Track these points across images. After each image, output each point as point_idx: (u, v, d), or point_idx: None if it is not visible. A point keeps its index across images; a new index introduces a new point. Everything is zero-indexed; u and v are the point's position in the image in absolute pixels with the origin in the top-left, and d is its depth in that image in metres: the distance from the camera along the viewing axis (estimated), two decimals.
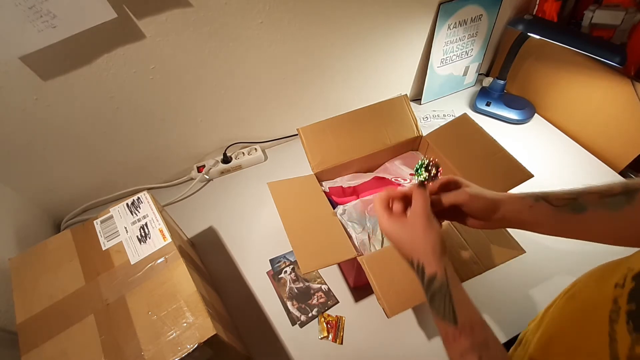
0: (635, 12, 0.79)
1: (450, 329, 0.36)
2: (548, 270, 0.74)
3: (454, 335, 0.36)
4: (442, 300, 0.37)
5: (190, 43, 0.71)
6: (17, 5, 0.53)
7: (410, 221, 0.42)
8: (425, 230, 0.40)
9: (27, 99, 0.65)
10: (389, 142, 0.76)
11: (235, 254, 0.81)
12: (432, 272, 0.39)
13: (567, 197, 0.40)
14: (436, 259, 0.39)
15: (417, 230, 0.41)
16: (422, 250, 0.40)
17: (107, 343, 0.47)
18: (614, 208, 0.37)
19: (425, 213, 0.41)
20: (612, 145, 0.94)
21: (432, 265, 0.39)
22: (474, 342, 0.34)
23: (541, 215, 0.42)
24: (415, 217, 0.42)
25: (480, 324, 0.36)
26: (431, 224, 0.41)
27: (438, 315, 0.38)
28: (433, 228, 0.41)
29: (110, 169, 0.85)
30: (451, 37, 1.01)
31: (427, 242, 0.40)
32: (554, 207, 0.41)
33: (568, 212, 0.40)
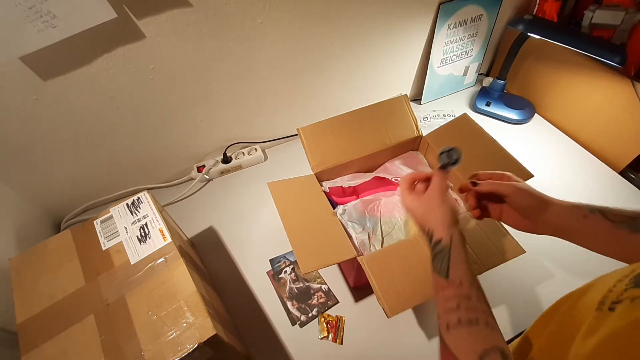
0: (635, 12, 0.79)
1: (441, 281, 0.41)
2: (548, 270, 0.74)
3: (443, 285, 0.40)
4: (441, 259, 0.42)
5: (190, 43, 0.71)
6: (17, 5, 0.53)
7: (427, 197, 0.47)
8: (438, 204, 0.45)
9: (27, 99, 0.65)
10: (389, 142, 0.76)
11: (235, 254, 0.81)
12: (439, 237, 0.43)
13: (626, 215, 0.40)
14: (444, 228, 0.44)
15: (431, 204, 0.46)
16: (434, 220, 0.45)
17: (107, 343, 0.47)
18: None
19: (441, 190, 0.47)
20: (612, 145, 0.94)
21: (439, 232, 0.44)
22: (458, 293, 0.39)
23: (595, 227, 0.41)
24: (432, 193, 0.47)
25: (468, 282, 0.39)
26: (444, 200, 0.46)
27: (435, 270, 0.42)
28: (445, 203, 0.46)
29: (110, 169, 0.85)
30: (451, 37, 1.01)
31: (439, 214, 0.45)
32: (610, 222, 0.40)
33: (625, 229, 0.39)
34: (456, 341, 0.36)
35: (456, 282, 0.40)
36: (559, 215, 0.43)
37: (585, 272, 0.73)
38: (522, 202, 0.45)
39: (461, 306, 0.37)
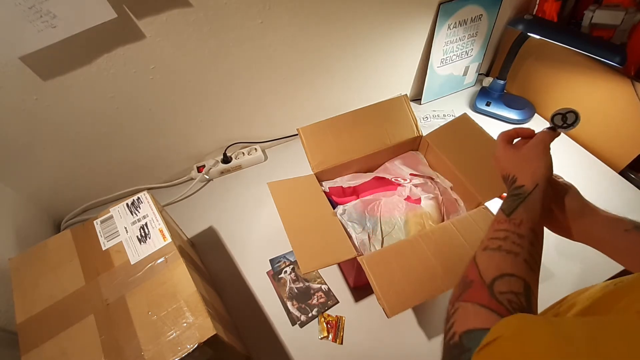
0: (635, 12, 0.79)
1: (501, 217, 0.39)
2: (548, 270, 0.74)
3: (501, 219, 0.39)
4: (513, 200, 0.40)
5: (190, 43, 0.71)
6: (17, 5, 0.53)
7: (528, 148, 0.45)
8: (537, 156, 0.43)
9: (27, 99, 0.65)
10: (389, 142, 0.76)
11: (235, 254, 0.81)
12: (522, 183, 0.42)
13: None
14: (532, 177, 0.42)
15: (527, 155, 0.44)
16: (523, 169, 0.43)
17: (107, 343, 0.47)
18: None
19: (543, 146, 0.44)
20: (612, 145, 0.94)
21: (525, 179, 0.42)
22: (512, 229, 0.37)
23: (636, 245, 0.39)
24: (531, 146, 0.45)
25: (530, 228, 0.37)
26: (542, 155, 0.43)
27: (501, 208, 0.41)
28: (546, 157, 0.43)
29: (110, 169, 0.85)
30: (451, 37, 1.01)
31: (532, 166, 0.43)
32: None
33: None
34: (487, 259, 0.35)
35: (516, 221, 0.38)
36: (600, 225, 0.42)
37: (585, 272, 0.73)
38: (567, 203, 0.44)
39: (508, 239, 0.36)
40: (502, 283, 0.32)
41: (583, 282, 0.71)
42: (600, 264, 0.73)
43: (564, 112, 0.47)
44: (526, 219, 0.38)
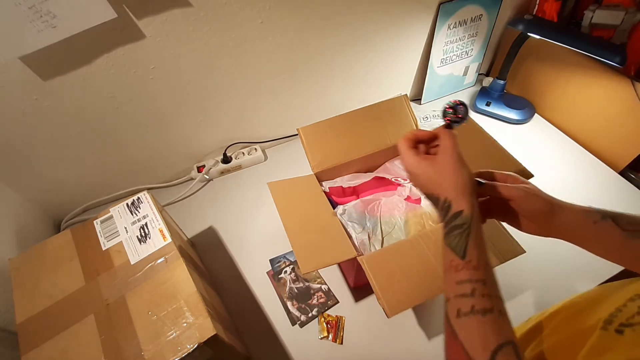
0: (635, 12, 0.79)
1: (456, 260, 0.36)
2: (548, 270, 0.74)
3: (457, 266, 0.36)
4: (459, 235, 0.37)
5: (191, 43, 0.71)
6: (17, 5, 0.53)
7: (440, 159, 0.41)
8: (455, 169, 0.40)
9: (27, 99, 0.65)
10: (389, 142, 0.75)
11: (235, 254, 0.81)
12: (459, 209, 0.38)
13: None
14: (466, 196, 0.38)
15: (447, 168, 0.40)
16: (452, 187, 0.39)
17: (107, 343, 0.47)
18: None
19: (456, 152, 0.41)
20: (612, 145, 0.94)
21: (460, 203, 0.38)
22: (474, 277, 0.35)
23: (605, 235, 0.39)
24: (446, 154, 0.40)
25: (485, 266, 0.36)
26: (461, 164, 0.40)
27: (449, 246, 0.37)
28: (464, 167, 0.40)
29: (110, 168, 0.85)
30: (451, 37, 1.01)
31: (458, 179, 0.39)
32: (621, 230, 0.38)
33: (638, 239, 0.37)
34: (467, 331, 0.33)
35: (473, 263, 0.35)
36: (569, 220, 0.41)
37: (585, 273, 0.73)
38: (530, 207, 0.42)
39: (476, 292, 0.34)
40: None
41: (583, 280, 0.71)
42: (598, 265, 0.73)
43: (453, 105, 0.44)
44: (480, 256, 0.36)
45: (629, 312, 0.27)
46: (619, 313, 0.27)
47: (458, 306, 0.34)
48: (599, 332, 0.27)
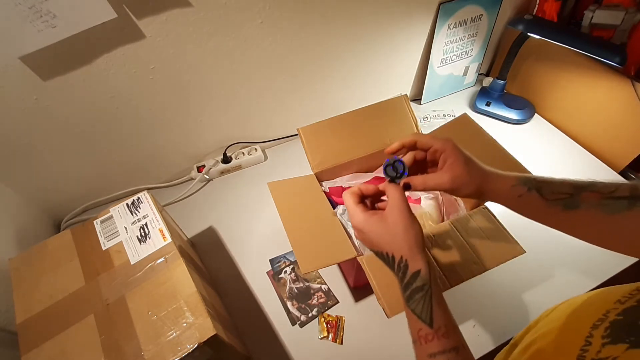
0: (635, 12, 0.79)
1: (424, 329, 0.35)
2: (548, 271, 0.74)
3: (427, 336, 0.35)
4: (422, 299, 0.36)
5: (190, 43, 0.71)
6: (17, 5, 0.53)
7: (390, 215, 0.40)
8: (407, 225, 0.38)
9: (27, 99, 0.65)
10: (389, 142, 0.75)
11: (235, 254, 0.81)
12: (417, 268, 0.37)
13: (563, 192, 0.39)
14: (420, 254, 0.38)
15: (398, 225, 0.39)
16: (406, 245, 0.38)
17: (107, 343, 0.47)
18: (611, 211, 0.36)
19: (406, 207, 0.40)
20: (612, 145, 0.94)
21: (417, 261, 0.37)
22: (446, 347, 0.34)
23: (529, 206, 0.41)
24: (395, 211, 0.39)
25: (454, 329, 0.35)
26: (413, 219, 0.39)
27: (414, 313, 0.36)
28: (415, 223, 0.39)
29: (110, 168, 0.85)
30: (451, 37, 1.01)
31: (410, 236, 0.38)
32: (545, 200, 0.39)
33: (559, 207, 0.39)
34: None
35: (442, 330, 0.34)
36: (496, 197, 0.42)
37: (585, 273, 0.73)
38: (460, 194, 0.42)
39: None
40: None
41: (584, 281, 0.71)
42: (599, 265, 0.73)
43: (392, 162, 0.44)
44: (448, 319, 0.35)
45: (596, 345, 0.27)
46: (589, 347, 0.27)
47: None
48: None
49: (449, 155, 0.43)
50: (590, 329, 0.29)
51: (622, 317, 0.28)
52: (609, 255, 0.39)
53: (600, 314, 0.29)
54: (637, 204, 0.34)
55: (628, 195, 0.35)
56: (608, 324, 0.28)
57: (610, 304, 0.30)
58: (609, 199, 0.36)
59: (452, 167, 0.42)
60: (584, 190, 0.38)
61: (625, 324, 0.27)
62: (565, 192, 0.39)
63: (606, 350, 0.26)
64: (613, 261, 0.74)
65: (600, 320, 0.29)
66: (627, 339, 0.25)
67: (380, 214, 0.41)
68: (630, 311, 0.28)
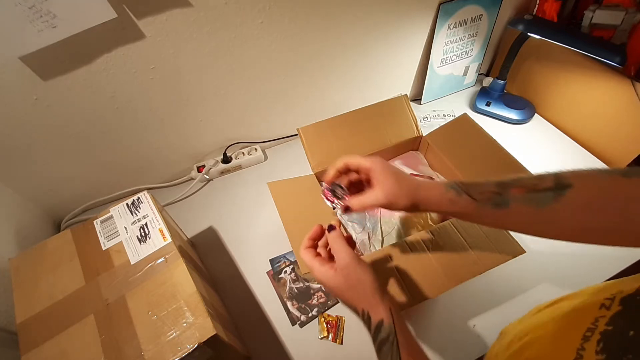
0: (635, 12, 0.79)
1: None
2: (548, 271, 0.74)
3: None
4: (389, 351, 0.36)
5: (191, 43, 0.71)
6: (17, 5, 0.53)
7: (340, 271, 0.40)
8: (359, 277, 0.39)
9: (27, 99, 0.65)
10: (389, 142, 0.76)
11: (235, 254, 0.81)
12: (379, 319, 0.37)
13: (491, 191, 0.39)
14: (378, 303, 0.38)
15: (351, 278, 0.39)
16: (363, 297, 0.39)
17: (107, 343, 0.47)
18: (539, 204, 0.36)
19: (351, 259, 0.40)
20: (612, 145, 0.94)
21: (377, 312, 0.38)
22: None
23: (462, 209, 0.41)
24: (342, 265, 0.40)
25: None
26: (362, 268, 0.40)
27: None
28: (366, 271, 0.40)
29: (110, 168, 0.85)
30: (451, 37, 1.01)
31: (365, 287, 0.39)
32: (475, 202, 0.39)
33: (490, 206, 0.39)
34: None
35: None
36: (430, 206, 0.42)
37: (585, 273, 0.73)
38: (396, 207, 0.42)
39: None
40: None
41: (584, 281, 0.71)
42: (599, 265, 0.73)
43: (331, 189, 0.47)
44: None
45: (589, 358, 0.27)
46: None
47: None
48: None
49: (379, 173, 0.43)
50: (581, 340, 0.28)
51: (611, 327, 0.27)
52: (609, 256, 0.39)
53: (589, 323, 0.29)
54: (563, 194, 0.34)
55: (552, 185, 0.36)
56: (599, 336, 0.27)
57: (595, 310, 0.30)
58: (534, 192, 0.36)
59: (383, 183, 0.43)
60: (511, 187, 0.38)
61: (617, 335, 0.27)
62: (492, 190, 0.39)
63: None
64: (613, 261, 0.74)
65: (589, 331, 0.28)
66: (624, 356, 0.25)
67: (332, 266, 0.41)
68: (617, 319, 0.28)
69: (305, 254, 0.44)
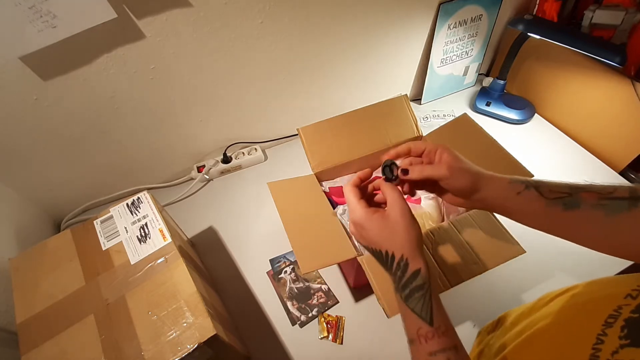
0: (635, 12, 0.79)
1: (424, 327, 0.35)
2: (548, 271, 0.74)
3: (427, 334, 0.35)
4: (422, 297, 0.36)
5: (191, 43, 0.71)
6: (17, 5, 0.53)
7: (391, 214, 0.40)
8: (408, 225, 0.39)
9: (27, 99, 0.65)
10: (389, 142, 0.75)
11: (235, 254, 0.81)
12: (417, 267, 0.37)
13: (562, 191, 0.38)
14: (420, 254, 0.38)
15: (399, 224, 0.39)
16: (407, 244, 0.38)
17: (107, 343, 0.47)
18: (611, 211, 0.35)
19: (406, 207, 0.40)
20: (612, 145, 0.94)
21: (417, 261, 0.38)
22: (445, 345, 0.34)
23: (528, 205, 0.39)
24: (396, 210, 0.40)
25: (452, 329, 0.35)
26: (413, 219, 0.40)
27: (414, 311, 0.36)
28: (415, 223, 0.40)
29: (110, 169, 0.85)
30: (451, 37, 1.01)
31: (412, 236, 0.39)
32: (544, 199, 0.38)
33: (559, 206, 0.37)
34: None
35: (442, 329, 0.34)
36: (493, 194, 0.41)
37: (585, 273, 0.73)
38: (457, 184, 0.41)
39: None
40: None
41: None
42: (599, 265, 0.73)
43: (389, 164, 0.46)
44: (446, 318, 0.36)
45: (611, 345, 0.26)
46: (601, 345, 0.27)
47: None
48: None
49: (444, 151, 0.44)
50: (602, 326, 0.28)
51: (637, 315, 0.27)
52: (609, 256, 0.38)
53: (611, 310, 0.29)
54: (637, 205, 0.34)
55: (627, 196, 0.35)
56: (623, 322, 0.27)
57: (620, 299, 0.29)
58: (608, 199, 0.36)
59: (448, 160, 0.43)
60: (582, 190, 0.37)
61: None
62: (563, 191, 0.38)
63: (625, 352, 0.25)
64: (613, 261, 0.74)
65: (612, 317, 0.28)
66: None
67: (381, 212, 0.41)
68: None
69: (350, 192, 0.44)
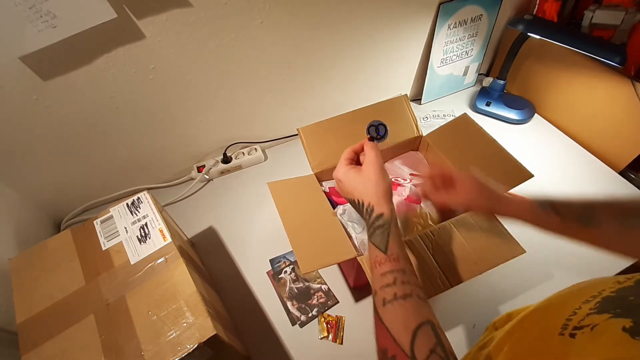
0: (635, 12, 0.79)
1: (380, 255, 0.41)
2: (548, 271, 0.74)
3: (381, 260, 0.41)
4: (382, 234, 0.42)
5: (191, 43, 0.71)
6: (17, 5, 0.53)
7: (364, 169, 0.47)
8: (377, 178, 0.45)
9: (27, 99, 0.65)
10: (389, 142, 0.76)
11: (235, 254, 0.81)
12: (380, 212, 0.43)
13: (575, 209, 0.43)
14: (386, 202, 0.44)
15: (371, 178, 0.46)
16: (374, 194, 0.45)
17: (107, 343, 0.47)
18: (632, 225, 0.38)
19: (379, 163, 0.47)
20: (612, 145, 0.94)
21: (381, 207, 0.44)
22: (395, 268, 0.39)
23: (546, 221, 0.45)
24: (369, 166, 0.46)
25: (405, 259, 0.41)
26: (384, 174, 0.46)
27: (374, 244, 0.42)
28: (385, 177, 0.46)
29: (110, 168, 0.85)
30: (451, 37, 1.01)
31: (379, 188, 0.45)
32: (560, 216, 0.43)
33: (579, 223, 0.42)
34: (391, 316, 0.36)
35: (394, 256, 0.40)
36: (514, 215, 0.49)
37: (585, 273, 0.73)
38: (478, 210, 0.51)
39: (397, 280, 0.38)
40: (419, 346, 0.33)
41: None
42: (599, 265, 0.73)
43: (376, 124, 0.51)
44: (400, 250, 0.41)
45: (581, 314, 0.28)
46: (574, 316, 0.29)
47: (383, 296, 0.38)
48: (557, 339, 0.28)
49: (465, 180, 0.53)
50: (581, 303, 0.30)
51: (614, 294, 0.29)
52: (609, 256, 0.39)
53: (595, 292, 0.31)
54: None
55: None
56: (600, 300, 0.29)
57: (608, 284, 0.31)
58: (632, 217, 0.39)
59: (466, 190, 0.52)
60: (601, 207, 0.42)
61: (617, 299, 0.29)
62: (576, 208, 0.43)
63: (589, 318, 0.27)
64: (613, 261, 0.74)
65: (592, 297, 0.30)
66: (613, 310, 0.27)
67: (357, 168, 0.48)
68: (625, 290, 0.29)
69: (344, 155, 0.51)
